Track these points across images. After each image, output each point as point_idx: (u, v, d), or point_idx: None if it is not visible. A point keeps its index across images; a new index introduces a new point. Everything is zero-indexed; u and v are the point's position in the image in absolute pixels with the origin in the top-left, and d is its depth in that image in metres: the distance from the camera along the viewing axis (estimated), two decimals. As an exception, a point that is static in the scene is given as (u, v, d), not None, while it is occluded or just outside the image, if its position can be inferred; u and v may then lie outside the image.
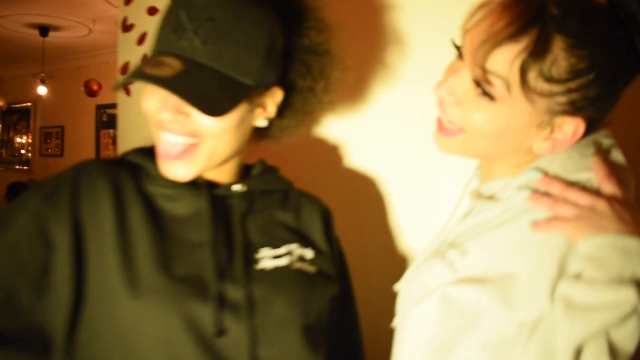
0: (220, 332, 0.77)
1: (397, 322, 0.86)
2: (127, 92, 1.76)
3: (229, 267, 0.81)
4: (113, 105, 6.40)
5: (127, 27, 1.70)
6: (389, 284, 0.95)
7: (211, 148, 0.80)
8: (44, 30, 5.52)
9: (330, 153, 1.41)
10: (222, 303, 0.78)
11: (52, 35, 5.69)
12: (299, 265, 0.88)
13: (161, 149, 0.80)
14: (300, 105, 0.92)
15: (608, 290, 0.61)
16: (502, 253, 0.71)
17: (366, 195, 1.37)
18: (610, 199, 0.68)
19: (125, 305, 0.73)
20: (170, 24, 0.76)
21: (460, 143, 0.78)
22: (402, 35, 1.29)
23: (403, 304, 0.86)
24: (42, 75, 6.37)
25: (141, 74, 0.71)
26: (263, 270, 0.84)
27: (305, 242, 0.93)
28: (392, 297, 0.90)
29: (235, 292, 0.79)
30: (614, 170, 0.71)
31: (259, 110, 0.85)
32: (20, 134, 7.98)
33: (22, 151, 7.96)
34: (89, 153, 6.89)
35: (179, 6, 0.75)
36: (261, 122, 0.87)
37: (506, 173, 0.79)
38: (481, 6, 0.72)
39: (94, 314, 0.74)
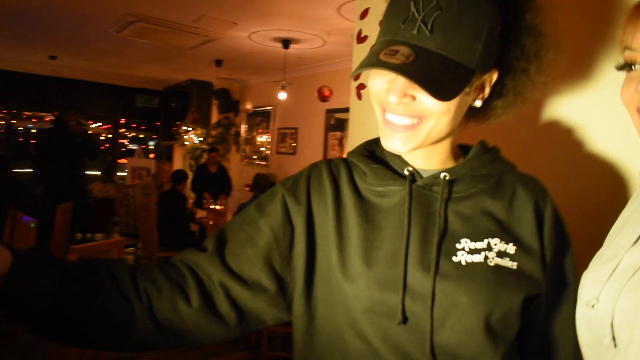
0: (405, 319, 0.83)
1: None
2: (359, 96, 1.87)
3: (423, 258, 0.85)
4: (341, 110, 6.74)
5: (361, 39, 1.80)
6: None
7: (431, 127, 0.84)
8: (286, 43, 6.07)
9: (564, 136, 1.29)
10: (409, 293, 0.84)
11: (293, 47, 6.21)
12: (496, 261, 0.86)
13: (384, 125, 0.87)
14: (512, 87, 0.92)
15: None
16: None
17: (609, 191, 1.21)
18: None
19: (340, 282, 0.88)
20: (401, 15, 0.80)
21: None
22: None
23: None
24: (283, 82, 6.88)
25: (377, 62, 0.78)
26: (458, 264, 0.85)
27: (510, 236, 0.89)
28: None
29: (423, 284, 0.83)
30: None
31: (476, 92, 0.88)
32: (262, 134, 8.87)
33: (262, 149, 8.80)
34: (318, 152, 7.35)
35: None
36: (477, 103, 0.90)
37: None
38: None
39: (324, 280, 0.91)
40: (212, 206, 6.17)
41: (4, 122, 10.10)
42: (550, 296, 0.93)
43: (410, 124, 0.84)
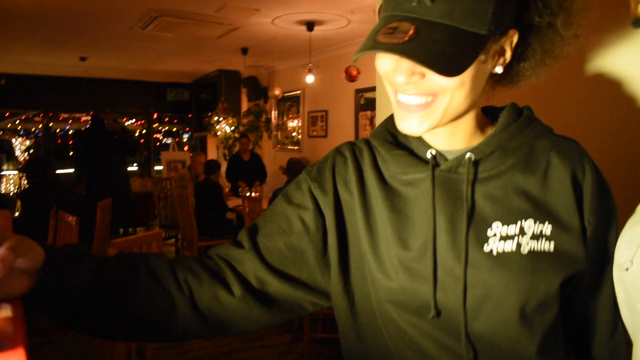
0: (439, 312, 0.81)
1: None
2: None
3: (453, 249, 0.81)
4: (370, 89, 6.67)
5: None
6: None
7: (447, 103, 0.77)
8: (310, 25, 6.03)
9: (609, 92, 1.16)
10: (441, 286, 0.81)
11: (317, 29, 6.18)
12: (531, 245, 0.80)
13: (397, 106, 0.81)
14: (539, 45, 0.83)
15: None
16: None
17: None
18: None
19: (374, 272, 0.86)
20: None
21: None
22: None
23: None
24: (310, 65, 6.83)
25: (374, 44, 0.71)
26: (489, 255, 0.80)
27: (546, 214, 0.82)
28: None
29: (455, 276, 0.80)
30: None
31: (495, 57, 0.80)
32: (292, 119, 8.90)
33: (294, 133, 8.84)
34: (349, 133, 7.34)
35: None
36: (498, 69, 0.81)
37: None
38: None
39: (357, 266, 0.88)
40: (247, 194, 6.22)
41: (41, 126, 10.37)
42: (593, 273, 0.87)
43: (424, 102, 0.77)
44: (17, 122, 10.38)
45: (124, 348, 2.32)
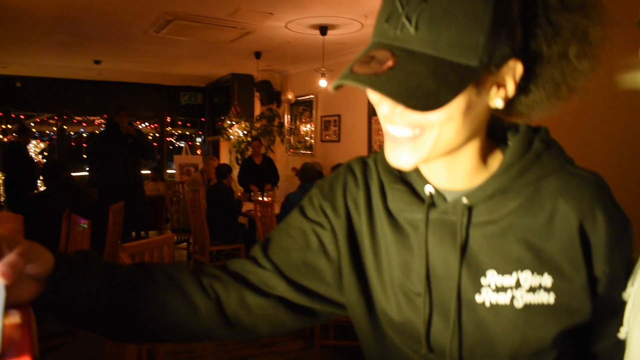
0: (430, 349, 0.80)
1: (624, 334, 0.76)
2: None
3: (446, 292, 0.79)
4: (383, 93, 6.72)
5: None
6: None
7: (435, 137, 0.71)
8: (323, 29, 6.01)
9: None
10: (434, 324, 0.80)
11: (330, 33, 6.16)
12: (526, 299, 0.76)
13: (386, 137, 0.76)
14: (549, 77, 0.74)
15: None
16: None
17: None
18: None
19: (378, 293, 0.85)
20: (385, 12, 0.69)
21: None
22: None
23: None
24: (323, 69, 6.79)
25: (349, 74, 0.67)
26: (481, 306, 0.77)
27: (546, 265, 0.76)
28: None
29: (447, 317, 0.79)
30: None
31: (493, 90, 0.72)
32: (305, 123, 8.89)
33: (307, 138, 8.83)
34: (362, 138, 7.32)
35: None
36: (497, 103, 0.73)
37: None
38: None
39: (373, 283, 0.87)
40: (259, 198, 6.21)
41: (55, 129, 10.46)
42: (598, 323, 0.81)
43: (411, 135, 0.71)
44: (32, 124, 10.47)
45: (134, 352, 2.30)
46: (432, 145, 0.71)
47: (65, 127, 10.55)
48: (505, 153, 0.81)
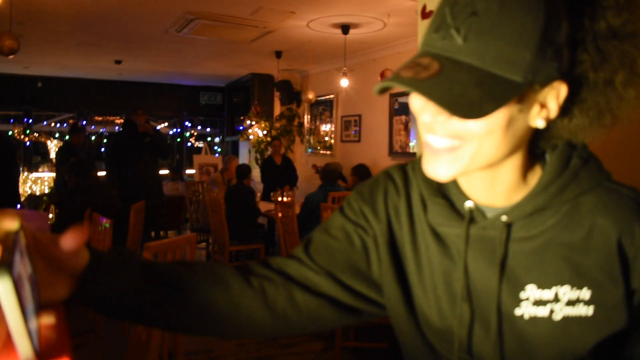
0: (471, 356, 0.81)
1: None
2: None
3: (486, 306, 0.81)
4: (405, 94, 6.64)
5: (426, 14, 1.75)
6: None
7: (474, 150, 0.71)
8: (345, 28, 5.99)
9: None
10: (475, 334, 0.82)
11: (352, 32, 6.14)
12: (565, 312, 0.78)
13: (425, 148, 0.77)
14: (593, 102, 0.74)
15: None
16: None
17: None
18: None
19: (419, 299, 0.87)
20: (434, 24, 0.71)
21: None
22: None
23: None
24: (344, 69, 6.81)
25: (394, 77, 0.68)
26: (520, 318, 0.79)
27: (585, 279, 0.78)
28: None
29: (485, 335, 0.81)
30: None
31: (535, 109, 0.72)
32: (325, 123, 8.87)
33: (326, 138, 8.82)
34: (383, 138, 7.29)
35: (445, 4, 0.70)
36: (539, 123, 0.73)
37: None
38: None
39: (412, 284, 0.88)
40: (279, 198, 6.18)
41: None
42: (635, 331, 0.81)
43: (449, 146, 0.72)
44: (52, 124, 10.57)
45: (156, 352, 2.29)
46: (470, 158, 0.72)
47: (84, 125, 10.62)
48: (543, 170, 0.81)
